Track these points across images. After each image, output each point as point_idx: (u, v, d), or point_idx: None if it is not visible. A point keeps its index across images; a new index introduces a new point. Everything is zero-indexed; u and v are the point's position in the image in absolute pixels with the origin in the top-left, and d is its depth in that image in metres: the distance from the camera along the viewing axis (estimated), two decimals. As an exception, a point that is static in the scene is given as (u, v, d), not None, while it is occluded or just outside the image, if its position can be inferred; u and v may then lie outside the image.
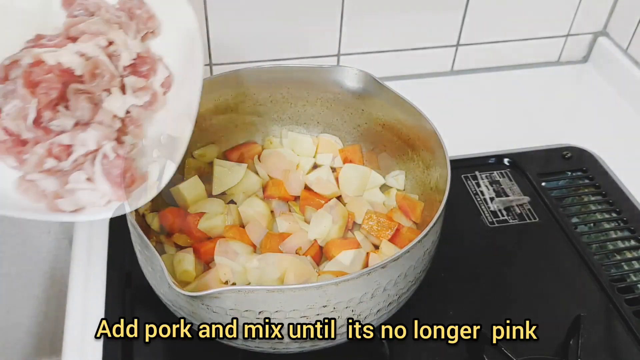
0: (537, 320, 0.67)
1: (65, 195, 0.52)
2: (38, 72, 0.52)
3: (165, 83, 0.58)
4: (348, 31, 0.97)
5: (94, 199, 0.53)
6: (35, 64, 0.52)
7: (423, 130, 0.70)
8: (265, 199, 0.76)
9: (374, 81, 0.73)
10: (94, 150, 0.53)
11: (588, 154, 0.92)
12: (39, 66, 0.52)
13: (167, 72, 0.58)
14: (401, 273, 0.57)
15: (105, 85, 0.55)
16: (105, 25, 0.56)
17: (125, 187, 0.53)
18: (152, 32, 0.59)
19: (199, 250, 0.68)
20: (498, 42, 1.06)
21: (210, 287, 0.58)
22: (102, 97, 0.55)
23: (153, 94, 0.57)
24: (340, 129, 0.81)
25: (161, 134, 0.57)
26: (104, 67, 0.54)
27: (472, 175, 0.88)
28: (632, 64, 1.02)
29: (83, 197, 0.52)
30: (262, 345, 0.58)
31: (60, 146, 0.52)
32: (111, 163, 0.53)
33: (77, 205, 0.53)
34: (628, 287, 0.75)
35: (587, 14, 1.05)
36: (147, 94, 0.57)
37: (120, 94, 0.55)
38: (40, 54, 0.52)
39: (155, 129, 0.57)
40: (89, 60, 0.54)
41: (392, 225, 0.70)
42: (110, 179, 0.53)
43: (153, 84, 0.57)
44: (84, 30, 0.56)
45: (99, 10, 0.58)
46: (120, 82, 0.56)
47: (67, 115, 0.53)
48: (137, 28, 0.58)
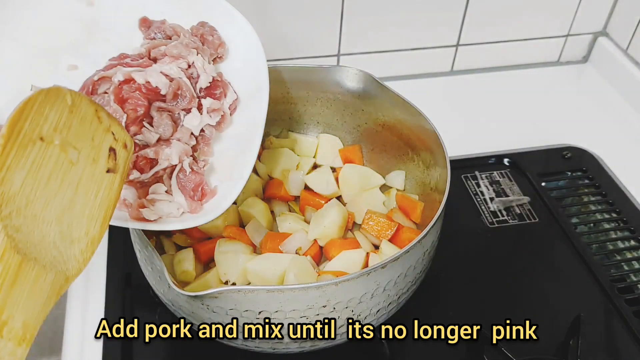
0: (537, 320, 0.67)
1: (148, 205, 0.56)
2: (127, 89, 0.56)
3: (232, 105, 0.63)
4: (348, 31, 0.97)
5: (171, 209, 0.57)
6: (125, 82, 0.56)
7: (423, 130, 0.70)
8: (265, 199, 0.76)
9: (374, 81, 0.73)
10: (174, 165, 0.57)
11: (588, 154, 0.92)
12: (128, 84, 0.56)
13: (235, 96, 0.63)
14: (401, 273, 0.57)
15: (185, 105, 0.59)
16: (186, 50, 0.60)
17: (198, 200, 0.57)
18: (220, 57, 0.64)
19: (199, 250, 0.68)
20: (498, 42, 1.06)
21: (210, 287, 0.58)
22: (180, 116, 0.59)
23: (223, 114, 0.61)
24: (340, 129, 0.81)
25: (226, 151, 0.61)
26: (186, 89, 0.59)
27: (472, 175, 0.88)
28: (632, 64, 1.02)
29: (162, 207, 0.56)
30: (262, 345, 0.58)
31: (145, 159, 0.56)
32: (187, 177, 0.57)
33: (158, 215, 0.56)
34: (628, 287, 0.75)
35: (587, 14, 1.05)
36: (218, 115, 0.61)
37: (198, 114, 0.59)
38: (131, 73, 0.55)
39: (220, 146, 0.62)
40: (172, 81, 0.58)
41: (392, 225, 0.70)
42: (185, 192, 0.57)
43: (223, 105, 0.62)
44: (165, 52, 0.60)
45: (175, 35, 0.62)
46: (197, 103, 0.60)
47: (151, 131, 0.57)
48: (209, 53, 0.62)
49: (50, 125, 0.41)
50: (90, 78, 0.57)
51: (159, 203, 0.57)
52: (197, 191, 0.58)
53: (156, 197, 0.57)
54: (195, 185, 0.58)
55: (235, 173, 0.59)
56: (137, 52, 0.61)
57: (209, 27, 0.63)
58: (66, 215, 0.41)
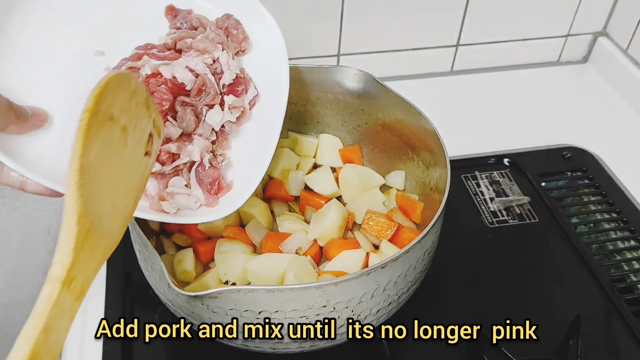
0: (537, 320, 0.67)
1: (167, 198, 0.57)
2: (153, 83, 0.56)
3: (252, 101, 0.63)
4: (348, 31, 0.97)
5: (189, 203, 0.57)
6: (152, 75, 0.56)
7: (423, 130, 0.70)
8: (265, 199, 0.76)
9: (374, 81, 0.73)
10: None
11: (588, 154, 0.92)
12: (155, 78, 0.56)
13: (256, 92, 0.64)
14: (401, 273, 0.57)
15: (208, 101, 0.59)
16: (212, 45, 0.60)
17: (214, 194, 0.58)
18: (242, 51, 0.64)
19: (199, 250, 0.68)
20: (498, 42, 1.06)
21: (210, 287, 0.58)
22: (203, 112, 0.60)
23: (242, 110, 0.62)
24: (340, 129, 0.81)
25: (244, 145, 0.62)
26: (210, 85, 0.59)
27: (472, 175, 0.88)
28: (632, 64, 1.02)
29: (181, 200, 0.57)
30: (261, 345, 0.58)
31: (167, 153, 0.57)
32: (205, 172, 0.58)
33: (176, 208, 0.58)
34: (628, 287, 0.75)
35: (587, 14, 1.05)
36: (239, 111, 0.62)
37: (220, 111, 0.60)
38: (159, 67, 0.56)
39: (238, 140, 0.63)
40: (198, 77, 0.58)
41: (392, 225, 0.70)
42: (202, 187, 0.58)
43: (244, 101, 0.62)
44: (191, 46, 0.60)
45: (201, 27, 0.62)
46: (220, 99, 0.60)
47: (175, 125, 0.58)
48: (233, 47, 0.63)
49: (118, 106, 0.45)
50: (117, 67, 0.57)
51: (178, 196, 0.57)
52: (214, 185, 0.59)
53: (176, 190, 0.57)
54: (213, 179, 0.59)
55: (252, 168, 0.60)
56: (162, 41, 0.61)
57: (234, 20, 0.63)
58: (115, 190, 0.45)
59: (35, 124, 0.52)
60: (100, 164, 0.42)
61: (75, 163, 0.40)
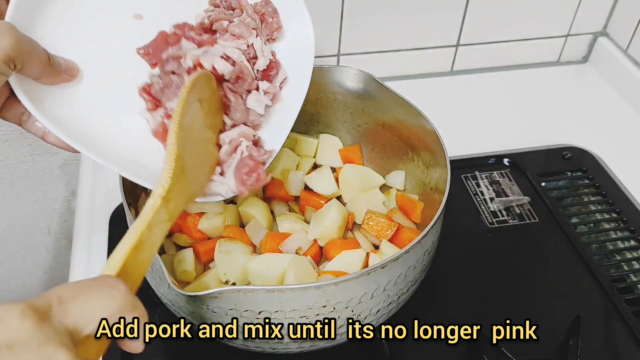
0: (537, 320, 0.67)
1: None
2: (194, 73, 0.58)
3: (281, 83, 0.64)
4: (348, 31, 0.97)
5: (220, 190, 0.59)
6: (194, 68, 0.58)
7: (423, 130, 0.70)
8: (265, 199, 0.76)
9: (374, 81, 0.73)
10: (235, 147, 0.60)
11: (588, 154, 0.92)
12: (196, 69, 0.58)
13: (285, 75, 0.65)
14: (401, 273, 0.57)
15: (246, 86, 0.61)
16: (247, 30, 0.61)
17: (250, 185, 0.58)
18: (273, 39, 0.65)
19: (199, 250, 0.68)
20: (498, 42, 1.06)
21: (210, 287, 0.58)
22: (243, 97, 0.61)
23: (274, 93, 0.63)
24: (340, 129, 0.81)
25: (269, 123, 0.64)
26: (247, 72, 0.60)
27: (472, 175, 0.88)
28: (632, 64, 1.02)
29: (213, 187, 0.59)
30: (261, 345, 0.58)
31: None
32: (242, 161, 0.58)
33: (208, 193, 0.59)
34: (628, 287, 0.75)
35: (587, 14, 1.05)
36: (271, 94, 0.63)
37: (257, 95, 0.61)
38: (199, 57, 0.57)
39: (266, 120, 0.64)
40: (235, 65, 0.59)
41: (392, 226, 0.70)
42: (237, 176, 0.58)
43: (276, 85, 0.64)
44: (227, 29, 0.61)
45: (239, 9, 0.63)
46: (256, 84, 0.62)
47: (230, 115, 0.60)
48: (265, 34, 0.64)
49: (205, 94, 0.56)
50: (154, 40, 0.58)
51: (211, 183, 0.58)
52: (250, 176, 0.58)
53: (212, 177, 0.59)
54: (250, 169, 0.58)
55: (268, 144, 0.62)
56: (200, 19, 0.61)
57: (272, 8, 0.64)
58: (197, 156, 0.55)
59: (66, 78, 0.54)
60: (190, 129, 0.53)
61: (176, 119, 0.51)
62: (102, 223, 0.79)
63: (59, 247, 1.17)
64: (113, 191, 0.78)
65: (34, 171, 1.04)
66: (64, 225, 1.14)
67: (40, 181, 1.06)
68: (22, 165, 1.03)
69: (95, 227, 0.79)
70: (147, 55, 0.59)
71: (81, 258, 0.75)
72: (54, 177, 1.06)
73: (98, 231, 0.78)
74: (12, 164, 1.02)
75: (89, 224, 0.79)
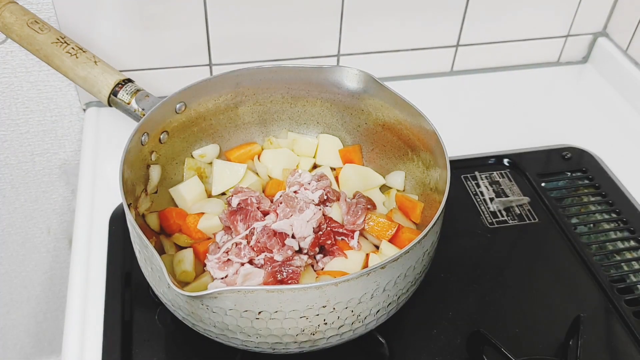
0: (537, 320, 0.67)
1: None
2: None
3: None
4: (348, 31, 0.97)
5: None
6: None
7: (423, 130, 0.70)
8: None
9: (374, 81, 0.73)
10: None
11: (588, 154, 0.92)
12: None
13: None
14: (401, 274, 0.57)
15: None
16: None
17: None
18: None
19: (199, 250, 0.68)
20: (498, 42, 1.06)
21: (210, 287, 0.58)
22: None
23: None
24: (340, 129, 0.81)
25: None
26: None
27: (472, 175, 0.88)
28: (632, 64, 1.02)
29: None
30: (261, 345, 0.58)
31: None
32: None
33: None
34: (627, 287, 0.75)
35: (587, 14, 1.05)
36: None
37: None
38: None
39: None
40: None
41: (392, 226, 0.70)
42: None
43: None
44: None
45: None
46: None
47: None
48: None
49: None
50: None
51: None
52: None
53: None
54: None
55: None
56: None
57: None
58: None
59: None
60: None
61: None
62: (102, 223, 0.79)
63: (59, 247, 1.17)
64: (113, 191, 0.78)
65: (34, 171, 1.04)
66: (63, 225, 1.14)
67: (40, 181, 1.06)
68: (22, 165, 1.03)
69: (95, 227, 0.79)
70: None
71: (81, 258, 0.75)
72: (54, 177, 1.06)
73: (98, 231, 0.78)
74: (12, 164, 1.02)
75: (89, 224, 0.79)
